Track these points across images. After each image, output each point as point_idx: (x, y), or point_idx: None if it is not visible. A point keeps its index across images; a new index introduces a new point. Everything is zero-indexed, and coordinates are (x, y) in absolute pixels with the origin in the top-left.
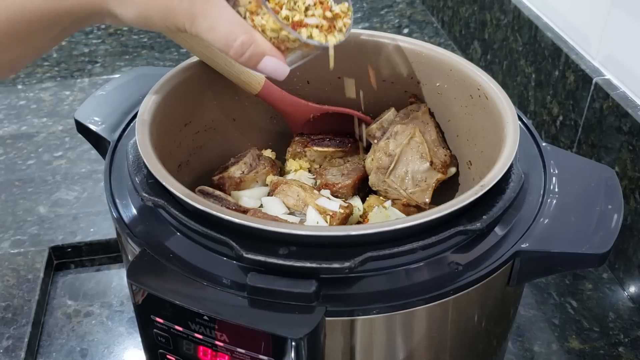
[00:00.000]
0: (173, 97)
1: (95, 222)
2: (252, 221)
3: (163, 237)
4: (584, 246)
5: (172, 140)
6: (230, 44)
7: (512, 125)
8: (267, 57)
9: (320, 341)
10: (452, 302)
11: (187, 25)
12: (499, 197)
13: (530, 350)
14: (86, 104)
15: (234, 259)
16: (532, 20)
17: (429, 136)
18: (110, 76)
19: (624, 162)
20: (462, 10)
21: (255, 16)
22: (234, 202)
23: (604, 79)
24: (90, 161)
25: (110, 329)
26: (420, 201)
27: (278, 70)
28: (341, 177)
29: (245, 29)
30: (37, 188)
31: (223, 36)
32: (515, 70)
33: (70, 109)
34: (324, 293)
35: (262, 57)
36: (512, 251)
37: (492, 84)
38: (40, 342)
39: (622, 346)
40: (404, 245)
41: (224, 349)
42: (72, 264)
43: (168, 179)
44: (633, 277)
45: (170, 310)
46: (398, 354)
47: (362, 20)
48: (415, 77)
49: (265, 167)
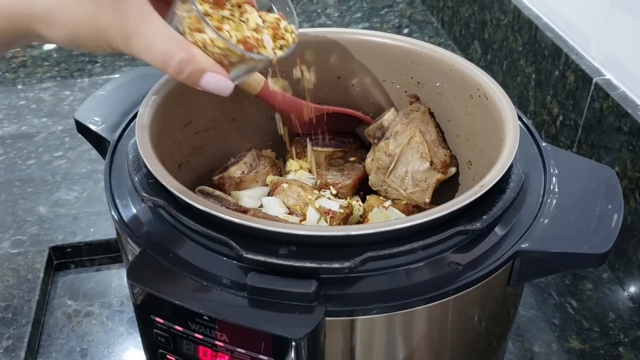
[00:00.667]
0: (173, 97)
1: (95, 222)
2: (252, 221)
3: (163, 237)
4: (584, 246)
5: (172, 140)
6: (168, 61)
7: (512, 125)
8: (209, 73)
9: (320, 341)
10: (452, 302)
11: (121, 45)
12: (499, 197)
13: (530, 350)
14: (86, 104)
15: (234, 259)
16: (532, 20)
17: (429, 136)
18: (110, 76)
19: (624, 162)
20: (462, 10)
21: (195, 32)
22: (234, 202)
23: (604, 79)
24: (90, 161)
25: (110, 329)
26: (420, 201)
27: (221, 86)
28: (341, 177)
29: (183, 46)
30: (37, 188)
31: (160, 54)
32: (515, 70)
33: (70, 109)
34: (324, 293)
35: (203, 74)
36: (512, 251)
37: (492, 84)
38: (40, 342)
39: (622, 346)
40: (404, 245)
41: (224, 349)
42: (72, 264)
43: (168, 179)
44: (633, 277)
45: (170, 310)
46: (398, 354)
47: (362, 20)
48: (415, 77)
49: (265, 167)
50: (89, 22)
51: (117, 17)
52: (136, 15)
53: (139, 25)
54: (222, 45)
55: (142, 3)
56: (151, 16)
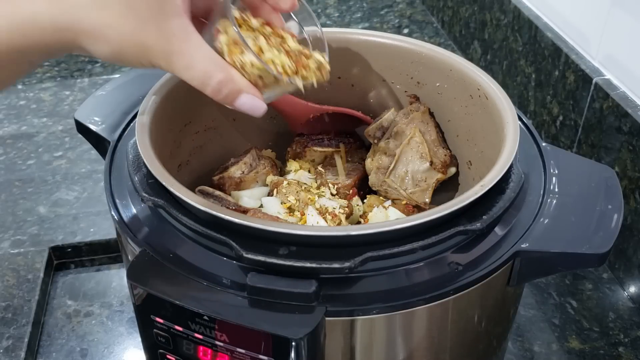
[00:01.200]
0: (173, 97)
1: (95, 222)
2: (252, 221)
3: (163, 237)
4: (584, 246)
5: (172, 140)
6: (207, 82)
7: (512, 125)
8: (244, 94)
9: (320, 341)
10: (452, 302)
11: (163, 63)
12: (499, 197)
13: (530, 350)
14: (86, 104)
15: (234, 259)
16: (532, 20)
17: (429, 136)
18: (110, 76)
19: (624, 162)
20: (462, 10)
21: (234, 55)
22: (234, 202)
23: (604, 79)
24: (90, 161)
25: (110, 329)
26: (420, 201)
27: (255, 107)
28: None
29: (222, 67)
30: (37, 188)
31: (200, 74)
32: (515, 70)
33: (70, 109)
34: (324, 293)
35: (239, 95)
36: (512, 251)
37: (492, 84)
38: (40, 342)
39: (622, 346)
40: (404, 245)
41: (224, 349)
42: (72, 264)
43: (168, 179)
44: (633, 277)
45: (170, 310)
46: (398, 354)
47: (362, 20)
48: (415, 77)
49: (265, 167)
50: (133, 39)
51: (161, 37)
52: (180, 36)
53: (181, 45)
54: (260, 68)
55: (185, 23)
56: (193, 36)
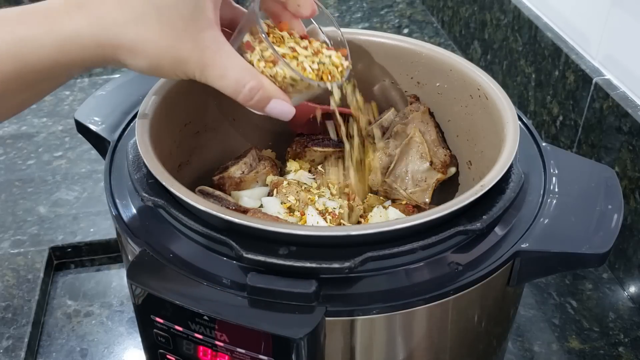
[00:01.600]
0: (173, 97)
1: (95, 222)
2: (252, 221)
3: (163, 237)
4: (584, 246)
5: (172, 140)
6: (240, 89)
7: (512, 125)
8: (274, 99)
9: (320, 341)
10: (452, 302)
11: (197, 74)
12: (499, 197)
13: (530, 350)
14: (86, 104)
15: (234, 259)
16: (532, 20)
17: (428, 136)
18: (110, 76)
19: (624, 162)
20: (462, 10)
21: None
22: (234, 202)
23: (604, 79)
24: (90, 161)
25: (110, 329)
26: (420, 201)
27: (284, 112)
28: (341, 177)
29: (253, 75)
30: (37, 188)
31: (233, 83)
32: (515, 70)
33: (70, 109)
34: (324, 293)
35: (270, 101)
36: (512, 251)
37: (492, 84)
38: (40, 342)
39: (622, 346)
40: (404, 245)
41: (224, 349)
42: (72, 264)
43: (168, 179)
44: (633, 277)
45: (170, 310)
46: (398, 354)
47: (362, 20)
48: (415, 77)
49: (265, 167)
50: (170, 53)
51: (196, 49)
52: (213, 47)
53: (214, 56)
54: (295, 78)
55: (217, 35)
56: (225, 47)
